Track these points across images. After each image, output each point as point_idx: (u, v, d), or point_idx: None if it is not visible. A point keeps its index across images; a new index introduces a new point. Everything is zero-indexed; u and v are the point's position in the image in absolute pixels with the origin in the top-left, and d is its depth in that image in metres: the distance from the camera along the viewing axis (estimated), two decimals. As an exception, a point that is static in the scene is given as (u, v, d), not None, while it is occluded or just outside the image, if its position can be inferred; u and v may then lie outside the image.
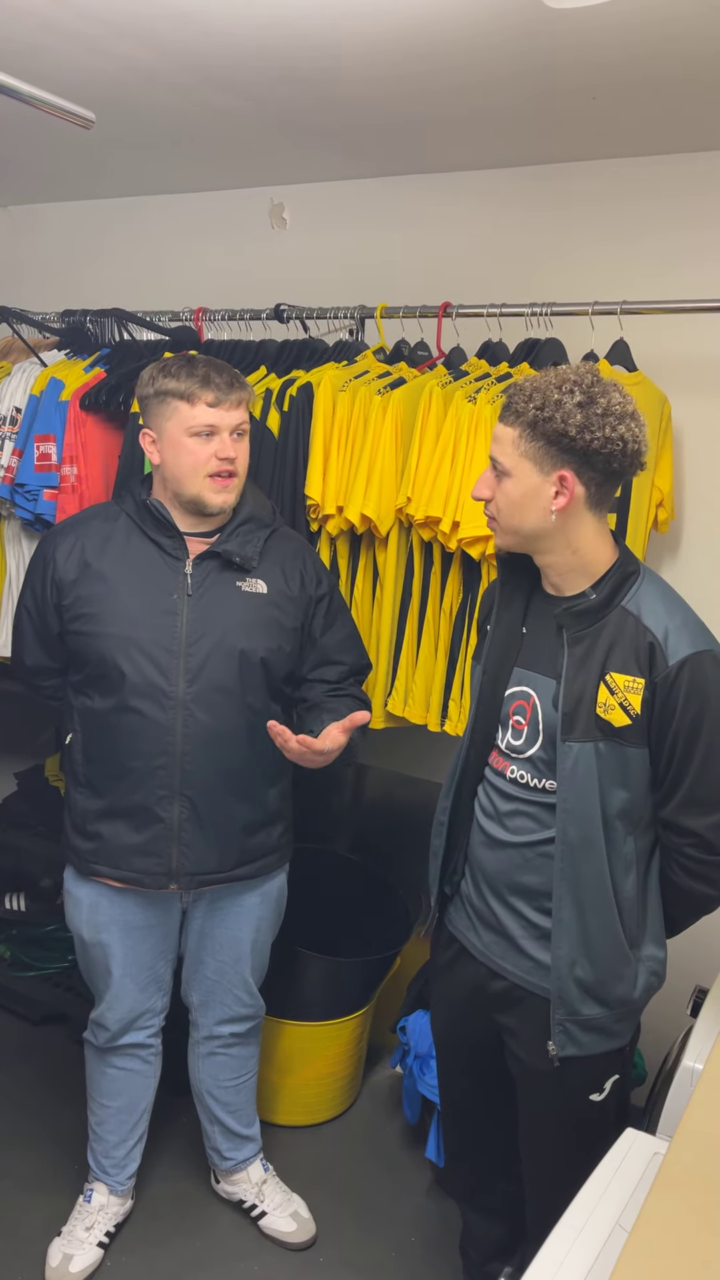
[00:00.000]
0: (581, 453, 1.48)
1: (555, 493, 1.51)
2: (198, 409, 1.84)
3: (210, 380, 1.84)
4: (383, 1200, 2.41)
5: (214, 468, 1.86)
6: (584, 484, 1.51)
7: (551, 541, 1.57)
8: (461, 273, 2.54)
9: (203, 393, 1.83)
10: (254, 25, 1.78)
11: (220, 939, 2.11)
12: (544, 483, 1.51)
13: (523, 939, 1.68)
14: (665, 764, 1.56)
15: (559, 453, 1.49)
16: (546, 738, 1.61)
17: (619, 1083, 1.70)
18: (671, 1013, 1.99)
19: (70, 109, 1.61)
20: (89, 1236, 2.17)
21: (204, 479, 1.87)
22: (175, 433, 1.86)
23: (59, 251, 3.32)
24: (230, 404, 1.85)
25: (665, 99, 2.00)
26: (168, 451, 1.88)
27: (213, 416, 1.84)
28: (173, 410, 1.85)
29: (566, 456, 1.49)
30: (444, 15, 1.70)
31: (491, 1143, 1.94)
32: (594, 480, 1.52)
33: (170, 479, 1.90)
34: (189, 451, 1.86)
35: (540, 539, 1.57)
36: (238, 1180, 2.33)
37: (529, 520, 1.55)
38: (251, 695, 1.94)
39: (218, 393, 1.84)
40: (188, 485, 1.88)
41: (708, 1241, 1.11)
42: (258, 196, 2.89)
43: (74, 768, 2.02)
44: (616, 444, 1.47)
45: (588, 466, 1.50)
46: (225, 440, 1.86)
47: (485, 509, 1.62)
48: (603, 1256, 1.19)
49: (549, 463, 1.50)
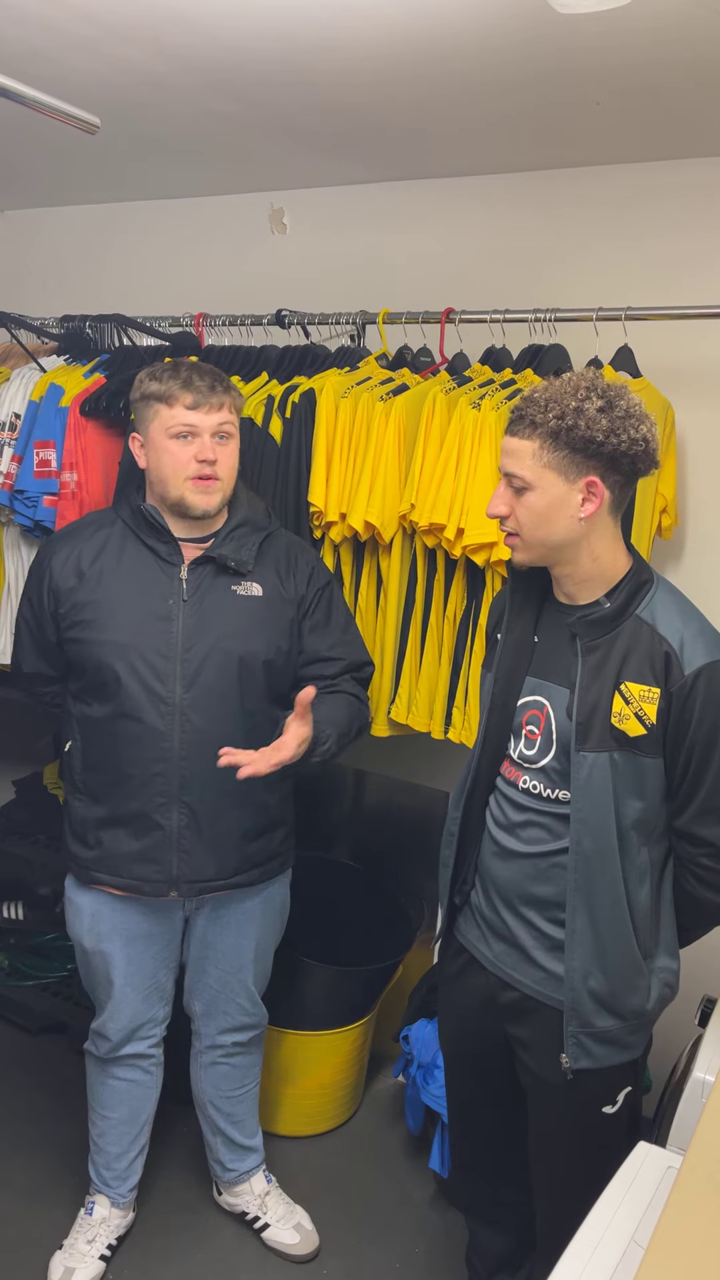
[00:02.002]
0: (609, 456, 1.48)
1: (583, 500, 1.51)
2: (176, 410, 1.83)
3: (191, 382, 1.84)
4: (386, 1211, 2.39)
5: (194, 470, 1.85)
6: (609, 488, 1.52)
7: (574, 551, 1.56)
8: (464, 278, 2.53)
9: (182, 394, 1.83)
10: (255, 30, 1.78)
11: (223, 947, 2.09)
12: (570, 491, 1.51)
13: (534, 950, 1.67)
14: (680, 774, 1.55)
15: (585, 459, 1.49)
16: (560, 747, 1.60)
17: (631, 1094, 1.69)
18: (679, 1022, 1.98)
19: (75, 114, 1.59)
20: (91, 1249, 2.16)
21: (185, 481, 1.86)
22: (157, 435, 1.86)
23: (59, 256, 3.31)
24: (211, 406, 1.84)
25: (669, 104, 2.00)
26: (152, 454, 1.88)
27: (192, 418, 1.83)
28: (155, 413, 1.85)
29: (593, 462, 1.49)
30: (448, 20, 1.69)
31: (499, 1153, 1.93)
32: (618, 483, 1.52)
33: (155, 482, 1.90)
34: (170, 454, 1.85)
35: (565, 549, 1.57)
36: (240, 1192, 2.31)
37: (556, 531, 1.54)
38: (249, 700, 1.93)
39: (197, 395, 1.83)
40: (170, 488, 1.88)
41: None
42: (258, 201, 2.89)
43: (73, 775, 2.01)
44: (640, 444, 1.48)
45: (613, 470, 1.50)
46: (206, 442, 1.85)
47: (503, 525, 1.60)
48: (619, 1273, 1.17)
49: (575, 470, 1.49)
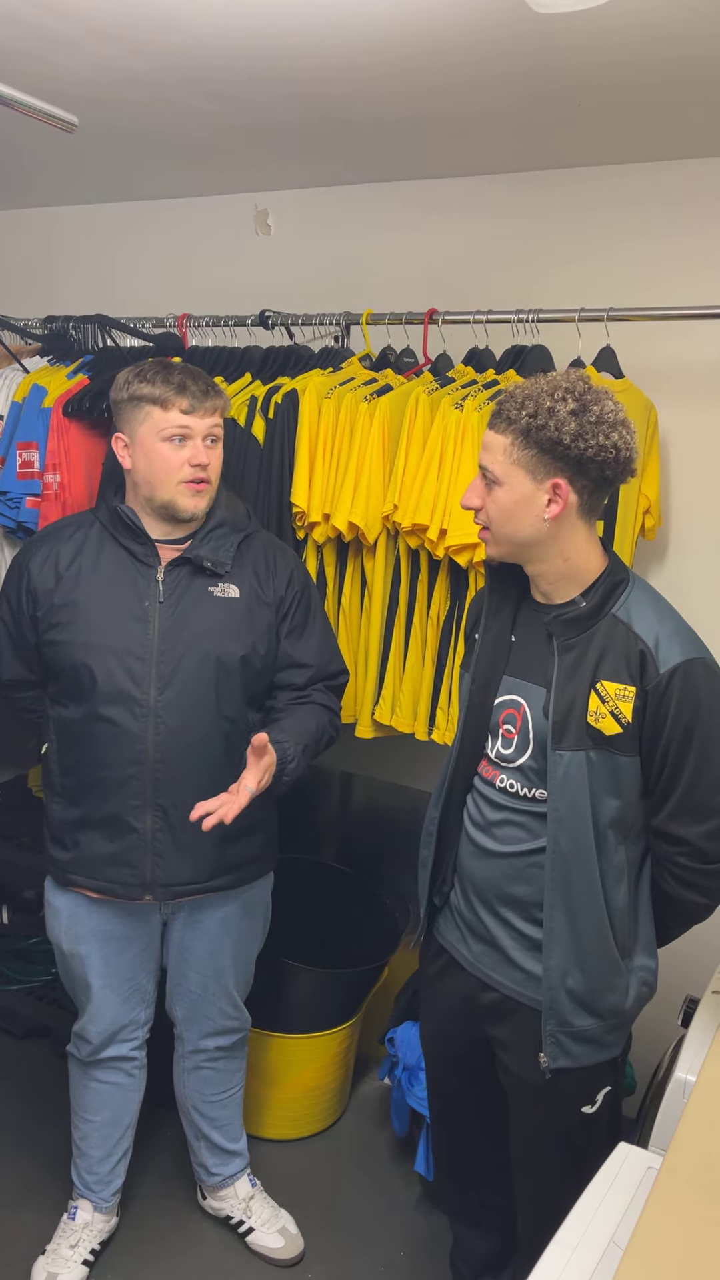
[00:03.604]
0: (575, 461, 1.47)
1: (548, 501, 1.51)
2: (171, 414, 1.82)
3: (185, 386, 1.83)
4: (371, 1214, 2.39)
5: (188, 474, 1.85)
6: (577, 492, 1.51)
7: (544, 550, 1.56)
8: (447, 279, 2.53)
9: (177, 398, 1.82)
10: (236, 29, 1.77)
11: (201, 951, 2.08)
12: (537, 491, 1.50)
13: (513, 950, 1.66)
14: (657, 772, 1.55)
15: (552, 461, 1.48)
16: (537, 746, 1.60)
17: (611, 1094, 1.69)
18: (662, 1022, 1.97)
19: (52, 112, 1.59)
20: (74, 1254, 2.14)
21: (177, 485, 1.85)
22: (148, 437, 1.85)
23: (42, 257, 3.29)
24: (205, 410, 1.84)
25: (650, 105, 2.00)
26: (140, 456, 1.87)
27: (187, 421, 1.83)
28: (146, 415, 1.84)
29: (560, 464, 1.48)
30: (427, 20, 1.69)
31: (482, 1155, 1.93)
32: (586, 488, 1.51)
33: (142, 484, 1.89)
34: (162, 457, 1.84)
35: (533, 548, 1.56)
36: (225, 1196, 2.30)
37: (522, 529, 1.54)
38: (226, 704, 1.92)
39: (192, 399, 1.83)
40: (160, 491, 1.87)
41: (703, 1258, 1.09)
42: (241, 202, 2.88)
43: (50, 778, 2.01)
44: (609, 452, 1.47)
45: (581, 474, 1.49)
46: (199, 446, 1.85)
47: (476, 518, 1.60)
48: (598, 1274, 1.17)
49: (542, 471, 1.49)
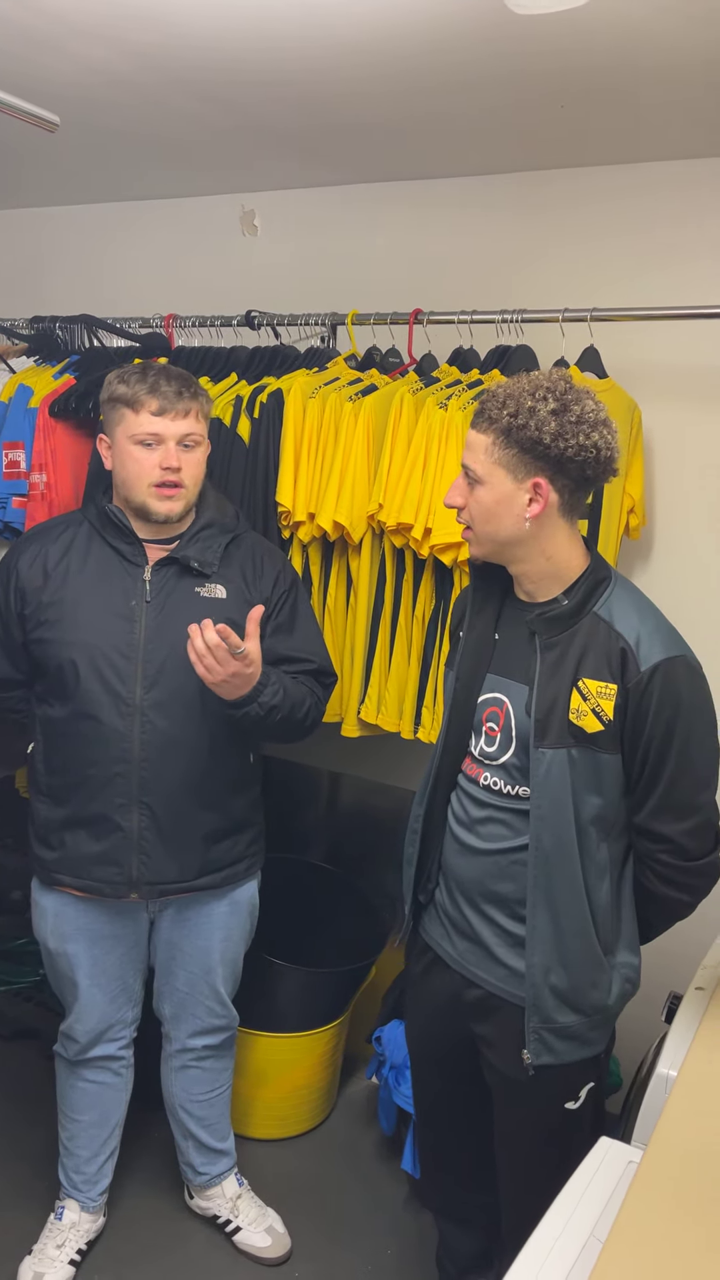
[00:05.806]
0: (556, 460, 1.48)
1: (529, 500, 1.51)
2: (142, 417, 1.82)
3: (157, 388, 1.82)
4: (359, 1213, 2.39)
5: (158, 477, 1.85)
6: (557, 491, 1.51)
7: (525, 549, 1.57)
8: (433, 280, 2.54)
9: (148, 400, 1.82)
10: (219, 28, 1.77)
11: (188, 950, 2.09)
12: (518, 490, 1.51)
13: (497, 947, 1.67)
14: (639, 770, 1.56)
15: (533, 460, 1.49)
16: (519, 744, 1.60)
17: (594, 1090, 1.70)
18: (646, 1019, 1.98)
19: (34, 111, 1.59)
20: (60, 1255, 2.14)
21: (148, 488, 1.86)
22: (122, 439, 1.85)
23: (27, 257, 3.29)
24: (176, 413, 1.83)
25: (632, 107, 2.01)
26: (117, 458, 1.88)
27: (156, 425, 1.82)
28: (120, 416, 1.85)
29: (540, 464, 1.49)
30: (411, 22, 1.69)
31: (467, 1153, 1.93)
32: (567, 488, 1.52)
33: (119, 485, 1.90)
34: (134, 459, 1.85)
35: (514, 547, 1.57)
36: (212, 1195, 2.30)
37: (503, 528, 1.54)
38: (211, 702, 1.91)
39: (163, 401, 1.82)
40: (133, 492, 1.87)
41: (682, 1251, 1.10)
42: (228, 203, 2.89)
43: (36, 777, 2.01)
44: (590, 452, 1.47)
45: (561, 474, 1.50)
46: (170, 450, 1.84)
47: (458, 517, 1.61)
48: (578, 1267, 1.18)
49: (523, 470, 1.50)
